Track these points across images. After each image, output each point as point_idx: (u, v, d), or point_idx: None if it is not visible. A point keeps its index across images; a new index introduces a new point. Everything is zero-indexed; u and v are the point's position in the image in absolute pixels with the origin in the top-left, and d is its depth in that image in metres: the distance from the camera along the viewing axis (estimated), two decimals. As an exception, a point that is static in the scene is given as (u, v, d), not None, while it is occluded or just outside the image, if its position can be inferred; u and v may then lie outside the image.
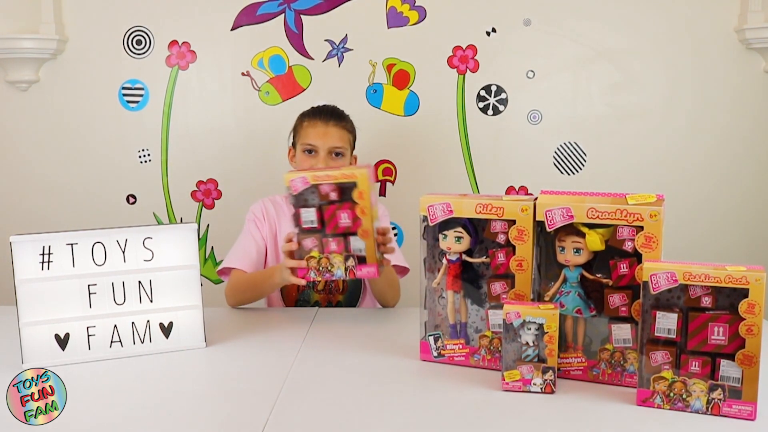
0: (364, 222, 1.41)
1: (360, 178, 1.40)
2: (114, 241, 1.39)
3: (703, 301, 1.12)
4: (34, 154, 2.40)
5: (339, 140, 1.81)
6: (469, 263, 1.35)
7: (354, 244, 1.42)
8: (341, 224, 1.42)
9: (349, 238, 1.43)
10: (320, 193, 1.43)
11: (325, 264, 1.44)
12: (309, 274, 1.45)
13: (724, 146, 2.34)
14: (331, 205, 1.42)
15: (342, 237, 1.43)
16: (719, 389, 1.10)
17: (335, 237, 1.43)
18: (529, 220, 1.26)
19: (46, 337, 1.35)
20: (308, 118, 1.84)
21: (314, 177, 1.42)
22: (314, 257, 1.44)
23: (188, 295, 1.44)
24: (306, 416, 1.13)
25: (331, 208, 1.42)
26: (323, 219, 1.43)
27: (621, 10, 2.29)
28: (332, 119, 1.82)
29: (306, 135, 1.81)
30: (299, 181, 1.43)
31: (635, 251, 1.20)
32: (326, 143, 1.79)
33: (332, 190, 1.42)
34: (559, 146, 2.35)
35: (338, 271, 1.43)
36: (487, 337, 1.32)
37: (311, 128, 1.81)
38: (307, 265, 1.45)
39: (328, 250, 1.44)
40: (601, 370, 1.25)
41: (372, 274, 1.44)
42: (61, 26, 2.33)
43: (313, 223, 1.43)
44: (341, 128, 1.83)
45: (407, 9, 2.31)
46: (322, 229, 1.44)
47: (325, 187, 1.42)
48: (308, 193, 1.43)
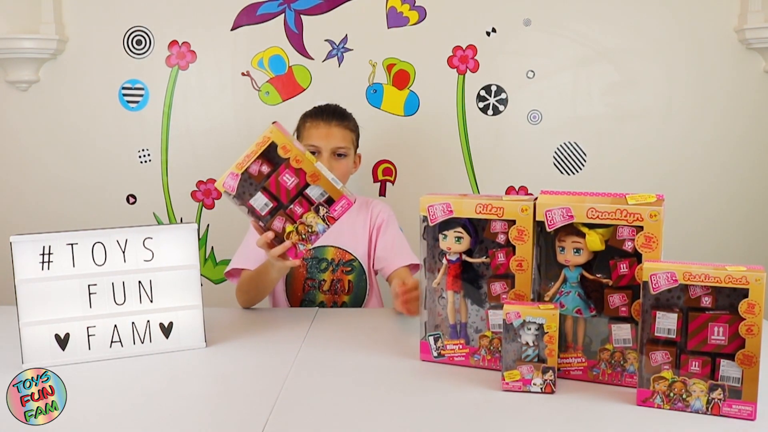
0: (306, 167, 1.42)
1: (274, 135, 1.42)
2: (114, 241, 1.39)
3: (703, 301, 1.12)
4: (34, 154, 2.40)
5: (341, 140, 1.80)
6: (469, 263, 1.35)
7: (313, 193, 1.43)
8: (290, 186, 1.43)
9: (306, 192, 1.44)
10: (253, 176, 1.44)
11: (303, 230, 1.44)
12: (298, 249, 1.45)
13: (724, 146, 2.33)
14: (270, 178, 1.43)
15: (300, 197, 1.44)
16: (719, 389, 1.10)
17: (294, 201, 1.44)
18: (529, 220, 1.26)
19: (46, 337, 1.35)
20: (310, 119, 1.84)
21: (237, 165, 1.43)
22: (291, 230, 1.44)
23: (188, 295, 1.44)
24: (306, 416, 1.13)
25: (272, 180, 1.43)
26: (273, 194, 1.44)
27: (621, 10, 2.29)
28: (334, 119, 1.82)
29: (308, 136, 1.81)
30: (229, 179, 1.44)
31: (635, 251, 1.20)
32: (329, 144, 1.78)
33: (260, 165, 1.43)
34: (559, 146, 2.35)
35: (319, 225, 1.43)
36: (487, 337, 1.32)
37: (314, 129, 1.81)
38: (292, 242, 1.45)
39: (297, 216, 1.44)
40: (601, 370, 1.25)
41: (347, 206, 1.44)
42: (61, 26, 2.33)
43: (267, 204, 1.44)
44: (344, 128, 1.82)
45: (407, 9, 2.31)
46: (279, 204, 1.45)
47: (253, 167, 1.43)
48: (245, 184, 1.44)
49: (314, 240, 1.46)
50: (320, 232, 1.45)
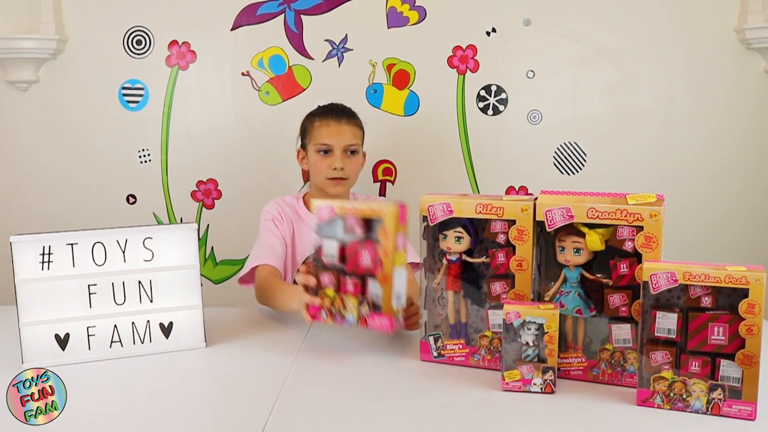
0: (386, 265, 1.27)
1: (387, 215, 1.26)
2: (114, 241, 1.39)
3: (703, 301, 1.12)
4: (34, 154, 2.40)
5: (352, 137, 1.81)
6: (470, 263, 1.35)
7: (371, 289, 1.29)
8: (361, 264, 1.30)
9: (368, 280, 1.30)
10: (345, 226, 1.33)
11: (339, 306, 1.33)
12: (320, 314, 1.36)
13: (724, 146, 2.33)
14: (355, 241, 1.31)
15: (360, 278, 1.31)
16: (719, 389, 1.10)
17: (353, 277, 1.32)
18: (529, 220, 1.26)
19: (46, 337, 1.35)
20: (319, 118, 1.83)
21: (341, 208, 1.33)
22: (328, 296, 1.35)
23: (188, 295, 1.44)
24: (306, 416, 1.13)
25: (354, 245, 1.31)
26: (344, 255, 1.33)
27: (621, 10, 2.29)
28: (344, 117, 1.82)
29: (319, 135, 1.80)
30: (326, 210, 1.34)
31: (635, 251, 1.20)
32: (341, 141, 1.79)
33: (357, 224, 1.31)
34: (559, 146, 2.35)
35: (350, 315, 1.32)
36: (487, 337, 1.32)
37: (324, 127, 1.81)
38: (321, 303, 1.35)
39: (344, 290, 1.33)
40: (601, 370, 1.25)
41: (385, 328, 1.29)
42: (61, 26, 2.32)
43: (333, 257, 1.34)
44: (353, 125, 1.83)
45: (407, 9, 2.31)
46: (341, 265, 1.33)
47: (350, 219, 1.31)
48: (334, 224, 1.34)
49: (338, 321, 1.34)
50: (348, 321, 1.32)
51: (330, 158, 1.78)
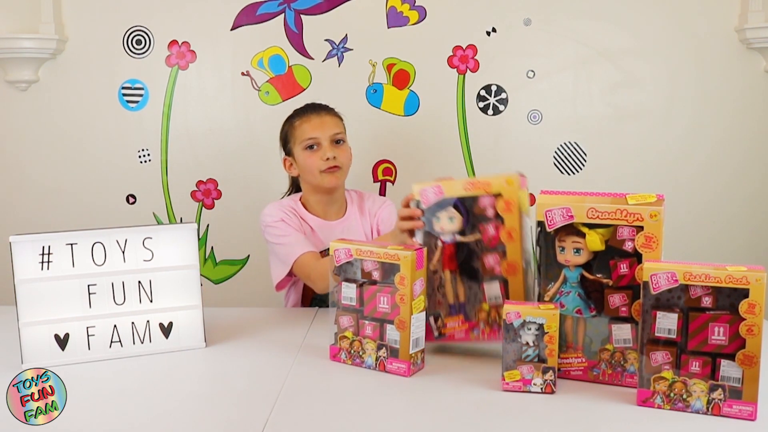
0: (402, 312, 1.28)
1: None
2: (114, 241, 1.39)
3: (704, 301, 1.12)
4: (34, 154, 2.40)
5: (336, 126, 1.83)
6: (463, 244, 1.37)
7: (390, 334, 1.30)
8: (379, 309, 1.32)
9: (386, 325, 1.31)
10: (363, 270, 1.35)
11: (357, 348, 1.34)
12: (340, 355, 1.37)
13: (724, 146, 2.33)
14: (372, 285, 1.33)
15: (378, 323, 1.32)
16: (719, 389, 1.10)
17: (372, 321, 1.33)
18: (515, 192, 1.32)
19: (46, 337, 1.35)
20: (299, 116, 1.85)
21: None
22: (347, 338, 1.36)
23: (188, 295, 1.44)
24: (306, 416, 1.13)
25: (371, 290, 1.33)
26: (362, 298, 1.34)
27: (621, 10, 2.29)
28: (323, 110, 1.85)
29: (303, 132, 1.81)
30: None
31: (635, 251, 1.20)
32: (326, 132, 1.80)
33: (375, 269, 1.33)
34: (559, 146, 2.35)
35: (369, 359, 1.33)
36: (484, 311, 1.34)
37: (306, 123, 1.82)
38: (339, 345, 1.37)
39: (363, 334, 1.34)
40: (602, 371, 1.25)
41: (403, 373, 1.29)
42: (61, 26, 2.32)
43: (352, 300, 1.35)
44: (334, 116, 1.85)
45: (407, 9, 2.31)
46: (360, 308, 1.35)
47: (368, 264, 1.33)
48: (352, 267, 1.36)
49: (356, 364, 1.34)
50: (366, 366, 1.33)
51: (319, 151, 1.79)
